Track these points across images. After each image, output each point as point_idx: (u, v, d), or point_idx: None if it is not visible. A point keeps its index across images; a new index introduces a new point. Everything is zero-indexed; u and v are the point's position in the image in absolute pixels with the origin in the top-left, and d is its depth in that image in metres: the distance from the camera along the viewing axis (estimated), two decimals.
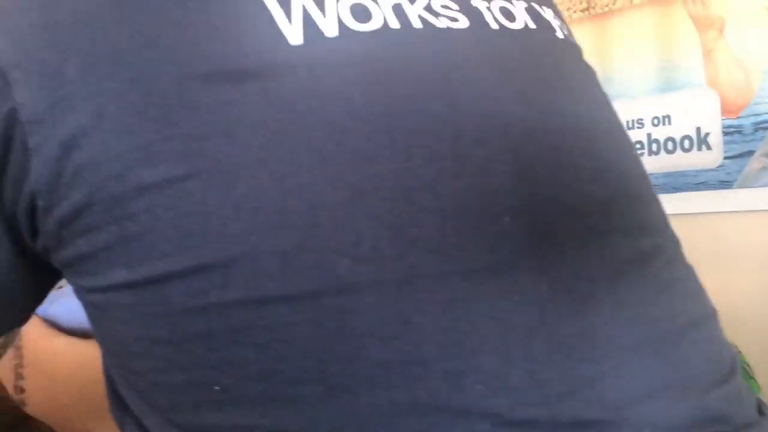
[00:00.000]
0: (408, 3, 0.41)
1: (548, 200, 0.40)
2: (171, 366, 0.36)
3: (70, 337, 0.78)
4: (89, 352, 0.80)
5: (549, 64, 0.46)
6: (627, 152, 0.48)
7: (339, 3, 0.39)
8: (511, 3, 0.47)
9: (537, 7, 0.49)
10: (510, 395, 0.35)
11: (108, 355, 0.41)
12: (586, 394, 0.36)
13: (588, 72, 0.51)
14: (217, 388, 0.35)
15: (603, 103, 0.49)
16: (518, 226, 0.38)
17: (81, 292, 0.39)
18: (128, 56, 0.35)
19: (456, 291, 0.35)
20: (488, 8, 0.45)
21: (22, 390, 0.74)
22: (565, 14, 1.46)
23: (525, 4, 0.48)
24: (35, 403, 0.74)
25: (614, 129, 0.48)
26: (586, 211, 0.41)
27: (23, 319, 0.47)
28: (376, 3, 0.40)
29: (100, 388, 0.78)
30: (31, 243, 0.40)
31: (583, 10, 1.72)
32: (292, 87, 0.36)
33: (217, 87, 0.35)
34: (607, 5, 1.70)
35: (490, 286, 0.36)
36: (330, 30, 0.38)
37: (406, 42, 0.40)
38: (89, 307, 0.40)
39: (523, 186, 0.39)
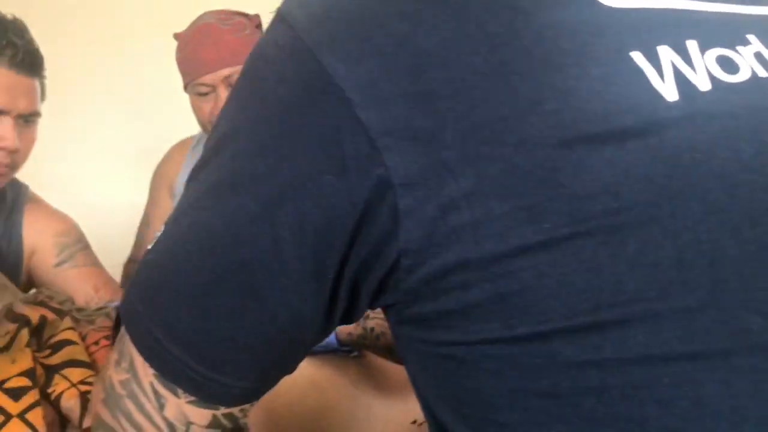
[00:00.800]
0: (767, 50, 0.41)
1: None
2: (552, 419, 0.36)
3: None
4: (303, 377, 0.82)
5: None
6: None
7: (705, 57, 0.40)
8: None
9: None
10: None
11: (456, 405, 0.42)
12: None
13: None
14: None
15: None
16: None
17: (432, 345, 0.40)
18: (512, 122, 0.36)
19: None
20: None
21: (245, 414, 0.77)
22: None
23: None
24: (255, 423, 0.77)
25: None
26: None
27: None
28: (738, 53, 0.41)
29: (312, 402, 0.80)
30: (367, 301, 0.41)
31: None
32: (674, 141, 0.36)
33: (601, 147, 0.36)
34: None
35: None
36: (703, 84, 0.38)
37: None
38: (443, 359, 0.40)
39: None
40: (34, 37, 1.09)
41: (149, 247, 0.46)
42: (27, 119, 1.08)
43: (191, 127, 1.48)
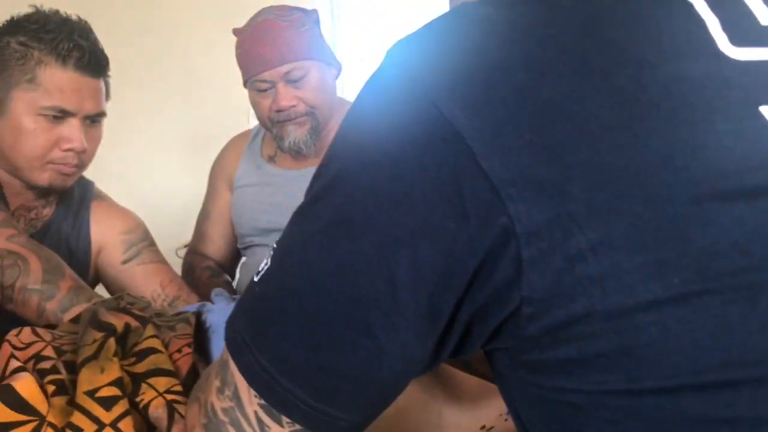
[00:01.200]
0: None
1: None
2: None
3: None
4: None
5: None
6: None
7: None
8: None
9: None
10: None
11: None
12: None
13: None
14: None
15: None
16: None
17: (547, 390, 0.41)
18: (643, 176, 0.36)
19: None
20: None
21: None
22: None
23: None
24: None
25: None
26: None
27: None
28: None
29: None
30: (480, 343, 0.42)
31: None
32: None
33: (731, 204, 0.36)
34: None
35: None
36: None
37: None
38: (558, 404, 0.41)
39: None
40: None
41: (254, 278, 0.47)
42: (93, 119, 1.10)
43: (244, 117, 1.50)
